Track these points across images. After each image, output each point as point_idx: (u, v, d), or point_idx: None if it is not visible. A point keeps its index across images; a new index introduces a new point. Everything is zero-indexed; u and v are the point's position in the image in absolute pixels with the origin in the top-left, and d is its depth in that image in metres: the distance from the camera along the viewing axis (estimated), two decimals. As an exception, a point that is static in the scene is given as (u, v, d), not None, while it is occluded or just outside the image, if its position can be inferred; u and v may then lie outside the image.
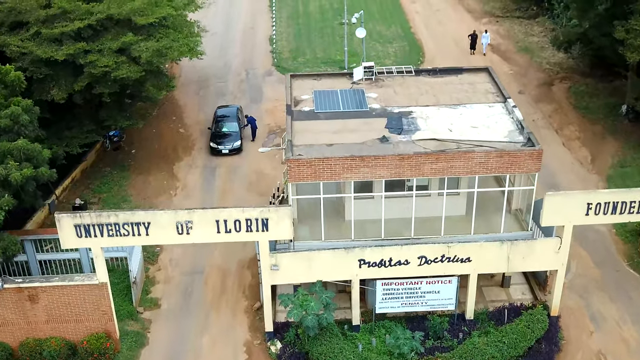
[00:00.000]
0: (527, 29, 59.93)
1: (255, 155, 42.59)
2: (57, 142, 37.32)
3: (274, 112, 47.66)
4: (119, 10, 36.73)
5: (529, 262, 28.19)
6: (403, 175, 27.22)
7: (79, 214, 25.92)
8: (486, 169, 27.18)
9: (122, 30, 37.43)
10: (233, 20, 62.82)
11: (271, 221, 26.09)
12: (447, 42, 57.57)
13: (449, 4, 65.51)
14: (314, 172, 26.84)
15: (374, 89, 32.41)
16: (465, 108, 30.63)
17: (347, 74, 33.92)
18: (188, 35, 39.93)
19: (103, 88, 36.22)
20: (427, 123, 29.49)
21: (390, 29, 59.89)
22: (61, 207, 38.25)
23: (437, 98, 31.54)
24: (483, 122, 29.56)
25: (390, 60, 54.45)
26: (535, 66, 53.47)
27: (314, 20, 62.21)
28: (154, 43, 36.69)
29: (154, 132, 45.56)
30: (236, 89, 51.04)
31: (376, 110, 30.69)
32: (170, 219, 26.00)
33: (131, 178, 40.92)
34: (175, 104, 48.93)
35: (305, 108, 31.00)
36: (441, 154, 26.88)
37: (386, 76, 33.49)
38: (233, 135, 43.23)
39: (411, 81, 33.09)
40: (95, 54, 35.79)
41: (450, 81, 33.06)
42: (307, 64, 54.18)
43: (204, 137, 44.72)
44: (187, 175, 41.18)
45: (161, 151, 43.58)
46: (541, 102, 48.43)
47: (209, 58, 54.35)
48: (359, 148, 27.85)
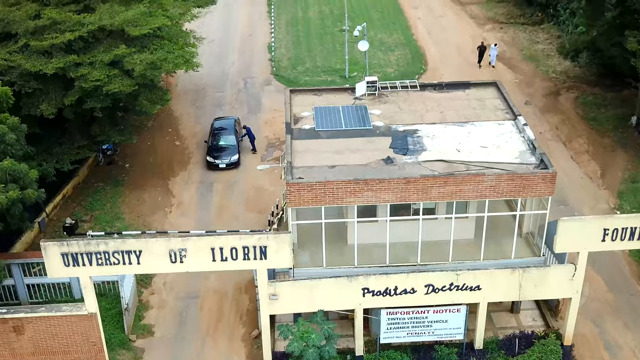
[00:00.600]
0: (532, 36, 58.53)
1: (253, 169, 41.10)
2: (47, 158, 35.93)
3: (273, 124, 46.22)
4: (111, 21, 35.25)
5: (542, 290, 26.76)
6: (409, 200, 25.78)
7: (66, 242, 24.44)
8: (497, 192, 25.73)
9: (115, 41, 35.97)
10: (231, 26, 61.39)
11: (270, 249, 24.63)
12: (450, 50, 56.16)
13: (452, 10, 64.11)
14: (315, 197, 25.39)
15: (377, 105, 30.96)
16: (473, 126, 29.18)
17: (349, 89, 32.47)
18: (183, 46, 38.41)
19: (94, 102, 34.74)
20: (434, 142, 28.04)
21: (392, 36, 58.45)
22: (52, 225, 36.82)
23: (443, 115, 30.10)
24: (493, 141, 28.11)
25: (392, 68, 53.05)
26: (541, 75, 52.06)
27: (313, 26, 60.77)
28: (148, 55, 35.21)
29: (149, 145, 44.10)
30: (234, 99, 49.59)
31: (380, 128, 29.24)
32: (162, 247, 24.53)
33: (125, 194, 39.45)
34: (171, 115, 47.47)
35: (306, 126, 29.54)
36: (449, 177, 25.44)
37: (390, 91, 32.01)
38: (230, 149, 41.76)
39: (416, 97, 31.65)
40: (87, 67, 34.32)
41: (457, 96, 31.62)
42: (306, 72, 52.74)
43: (201, 150, 43.26)
44: (183, 192, 39.70)
45: (156, 165, 42.11)
46: (548, 113, 47.01)
47: (206, 66, 53.02)
48: (363, 170, 26.40)
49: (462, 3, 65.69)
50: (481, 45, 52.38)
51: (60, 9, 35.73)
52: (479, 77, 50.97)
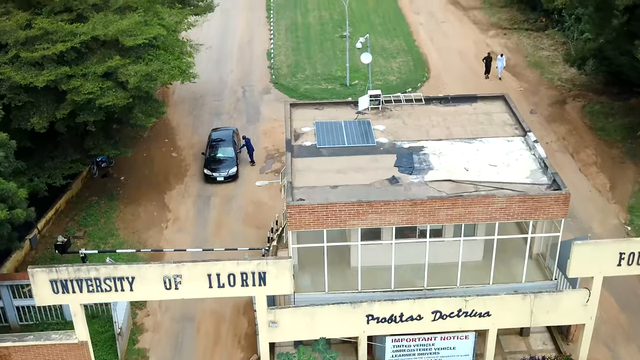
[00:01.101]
0: (536, 42, 57.33)
1: (252, 182, 39.81)
2: (38, 173, 34.72)
3: (272, 134, 45.01)
4: (105, 31, 33.99)
5: (554, 317, 25.58)
6: (415, 222, 24.59)
7: (55, 268, 23.24)
8: (507, 215, 24.55)
9: (109, 51, 34.77)
10: (229, 32, 60.15)
11: (269, 275, 23.44)
12: (452, 57, 54.96)
13: (455, 16, 62.90)
14: (316, 219, 24.19)
15: (381, 120, 29.77)
16: (481, 143, 27.99)
17: (351, 103, 31.27)
18: (180, 56, 37.20)
19: (87, 116, 33.53)
20: (441, 161, 26.84)
21: (393, 43, 57.25)
22: (44, 242, 35.59)
23: (450, 131, 28.90)
24: (502, 159, 26.92)
25: (394, 76, 51.87)
26: (546, 83, 50.87)
27: (313, 32, 59.55)
28: (143, 66, 33.98)
29: (145, 157, 42.88)
30: (232, 108, 48.37)
31: (384, 145, 28.04)
32: (156, 273, 23.34)
33: (119, 209, 38.23)
34: (167, 125, 46.25)
35: (307, 142, 28.33)
36: (458, 199, 24.24)
37: (394, 105, 30.80)
38: (228, 161, 40.54)
39: (421, 111, 30.46)
40: (79, 78, 33.09)
41: (464, 111, 30.43)
42: (306, 80, 51.54)
43: (198, 162, 42.03)
44: (179, 206, 38.47)
45: (152, 178, 40.88)
46: (554, 123, 45.82)
47: (204, 74, 51.77)
48: (366, 191, 25.20)
49: (465, 8, 64.51)
50: (487, 56, 50.85)
51: (52, 18, 34.45)
52: (482, 86, 49.84)
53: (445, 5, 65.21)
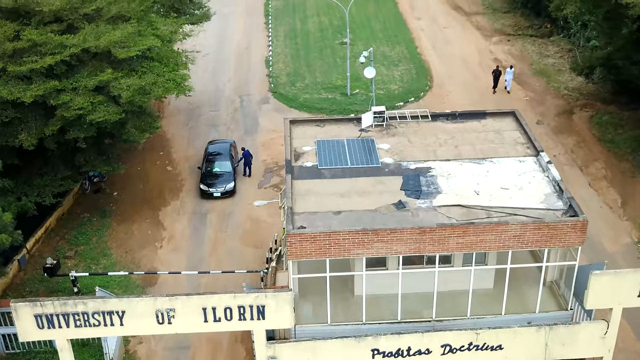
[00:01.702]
0: (541, 49, 55.92)
1: (250, 197, 38.49)
2: (27, 191, 33.30)
3: (271, 146, 43.57)
4: (96, 43, 32.51)
5: (570, 350, 24.11)
6: (424, 251, 23.15)
7: (39, 302, 21.75)
8: (521, 243, 23.12)
9: (101, 64, 33.34)
10: (227, 39, 58.68)
11: (268, 308, 21.98)
12: (456, 64, 53.54)
13: (457, 21, 61.48)
14: (318, 249, 22.74)
15: (385, 139, 28.32)
16: (492, 163, 26.55)
17: (354, 120, 29.80)
18: (175, 68, 35.74)
19: (78, 132, 32.08)
20: (449, 183, 25.39)
21: (395, 50, 55.81)
22: (33, 262, 34.14)
23: (458, 150, 27.46)
24: (514, 181, 25.47)
25: (396, 85, 50.44)
26: (553, 92, 49.48)
27: (312, 39, 58.09)
28: (136, 80, 32.53)
29: (139, 171, 41.41)
30: (229, 118, 46.92)
31: (389, 166, 26.59)
32: (148, 307, 21.88)
33: (112, 226, 36.75)
34: (162, 137, 44.76)
35: (308, 163, 26.87)
36: (469, 227, 22.80)
37: (399, 122, 29.36)
38: (225, 176, 39.07)
39: (428, 128, 29.02)
40: (69, 93, 31.65)
41: (473, 128, 29.00)
42: (306, 89, 50.08)
43: (194, 177, 40.57)
44: (174, 223, 37.00)
45: (146, 193, 39.42)
46: (562, 134, 44.43)
47: (201, 83, 50.49)
48: (371, 217, 23.75)
49: (467, 13, 63.12)
50: (496, 69, 48.70)
51: (42, 29, 32.91)
52: (487, 95, 48.46)
53: (447, 11, 63.83)
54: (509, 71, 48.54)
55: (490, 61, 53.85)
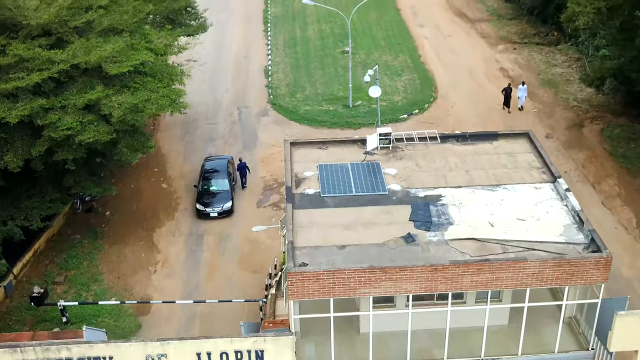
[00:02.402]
0: (548, 58, 54.24)
1: (248, 218, 36.87)
2: (14, 214, 31.67)
3: (270, 162, 41.93)
4: (86, 59, 30.84)
5: (592, 394, 22.48)
6: (436, 290, 21.50)
7: (20, 347, 20.12)
8: (540, 281, 21.47)
9: (91, 80, 31.69)
10: (225, 47, 57.00)
11: (267, 354, 20.41)
12: (461, 74, 51.88)
13: (461, 29, 59.80)
14: (321, 288, 21.07)
15: (392, 162, 26.65)
16: (506, 191, 24.88)
17: (358, 141, 28.12)
18: (169, 83, 34.06)
19: (66, 153, 30.41)
20: (462, 213, 23.72)
21: (398, 59, 54.13)
22: (20, 288, 32.54)
23: (470, 175, 25.79)
24: (531, 211, 23.81)
25: (400, 96, 48.77)
26: (562, 103, 47.82)
27: (313, 47, 56.40)
28: (128, 97, 30.85)
29: (133, 188, 39.76)
30: (227, 132, 45.25)
31: (397, 193, 24.92)
32: (138, 352, 20.27)
33: (104, 249, 35.09)
34: (157, 152, 43.04)
35: (309, 190, 25.19)
36: (485, 264, 21.14)
37: (406, 144, 27.69)
38: (222, 195, 37.40)
39: (436, 150, 27.36)
40: (58, 111, 29.97)
41: (484, 150, 27.34)
42: (306, 101, 48.41)
43: (190, 195, 38.89)
44: (169, 246, 35.33)
45: (140, 213, 37.74)
46: (572, 149, 42.78)
47: (198, 94, 48.89)
48: (379, 252, 22.08)
49: (472, 20, 61.45)
50: (507, 87, 46.16)
51: (29, 43, 31.24)
52: (492, 106, 46.78)
53: (451, 18, 62.15)
54: (522, 88, 45.96)
55: (496, 70, 52.25)
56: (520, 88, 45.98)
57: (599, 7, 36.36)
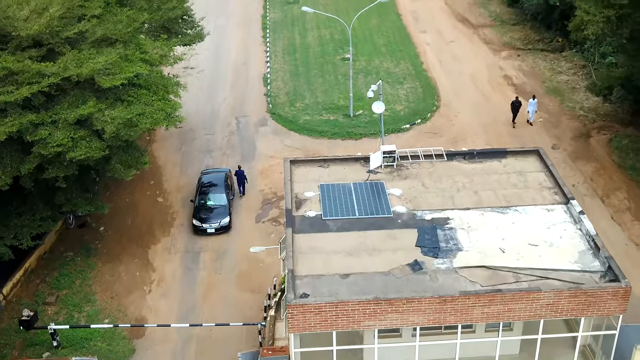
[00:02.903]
0: (553, 65, 53.05)
1: (246, 234, 35.72)
2: (3, 233, 30.44)
3: (269, 174, 40.75)
4: (78, 71, 29.62)
5: None
6: (444, 322, 20.35)
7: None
8: (555, 312, 20.34)
9: (83, 93, 30.53)
10: (223, 53, 55.78)
11: (267, 391, 19.15)
12: (464, 82, 50.71)
13: (464, 34, 58.60)
14: (324, 320, 19.93)
15: (396, 182, 25.49)
16: (517, 213, 23.73)
17: (361, 159, 26.94)
18: (164, 95, 32.87)
19: (57, 171, 29.22)
20: (471, 238, 22.56)
21: (399, 66, 52.94)
22: (10, 308, 31.35)
23: (479, 196, 24.64)
24: (543, 236, 22.66)
25: (402, 105, 47.59)
26: (568, 112, 46.63)
27: (312, 54, 55.19)
28: (121, 111, 29.65)
29: (128, 202, 38.55)
30: (225, 142, 44.06)
31: (402, 216, 23.75)
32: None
33: (97, 267, 33.90)
34: (153, 163, 41.86)
35: (310, 212, 24.03)
36: (496, 295, 19.99)
37: (411, 162, 26.51)
38: (220, 210, 36.20)
39: (443, 169, 26.20)
40: (48, 127, 28.79)
41: (493, 168, 26.18)
42: (306, 110, 47.22)
43: (186, 210, 37.70)
44: (165, 264, 34.13)
45: (135, 229, 36.54)
46: (579, 160, 41.61)
47: (195, 102, 47.80)
48: (384, 281, 20.94)
49: (474, 26, 60.25)
50: (515, 100, 44.25)
51: (19, 55, 30.05)
52: (497, 116, 45.62)
53: (453, 23, 60.94)
54: (532, 102, 43.93)
55: (500, 78, 51.09)
56: (531, 102, 44.05)
57: (609, 16, 35.21)
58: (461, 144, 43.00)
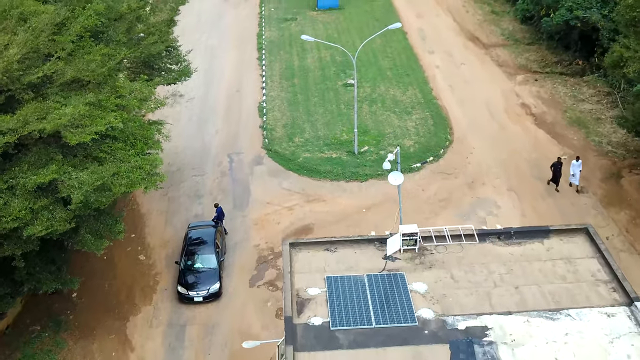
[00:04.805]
0: (574, 91, 48.63)
1: (239, 302, 31.33)
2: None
3: (265, 224, 36.33)
4: (40, 127, 25.21)
5: None
6: None
7: None
8: None
9: (47, 149, 26.12)
10: (215, 78, 51.29)
11: None
12: (478, 111, 46.26)
13: (475, 56, 54.14)
14: None
15: (419, 272, 21.04)
16: (570, 319, 19.29)
17: (374, 240, 22.46)
18: (143, 148, 28.38)
19: (14, 247, 24.72)
20: (516, 357, 18.08)
21: (406, 93, 48.48)
22: (-37, 401, 26.80)
23: (521, 294, 20.20)
24: (605, 354, 18.18)
25: (411, 140, 43.12)
26: (594, 148, 42.22)
27: (312, 79, 50.69)
28: (91, 175, 25.13)
29: (105, 261, 34.07)
30: (215, 185, 39.57)
31: (429, 324, 19.30)
32: None
33: (67, 345, 29.48)
34: (136, 211, 37.43)
35: (315, 319, 19.55)
36: None
37: (435, 244, 22.05)
38: (209, 274, 31.73)
39: (475, 254, 21.76)
40: (3, 194, 24.32)
41: (535, 253, 21.75)
42: (306, 146, 42.74)
43: (171, 270, 33.24)
44: (145, 341, 29.66)
45: (112, 295, 32.08)
46: (612, 206, 37.19)
47: (184, 136, 43.65)
48: None
49: (486, 46, 55.82)
50: (557, 161, 37.84)
51: (-27, 104, 25.71)
52: (517, 152, 41.15)
53: (463, 42, 56.47)
54: (576, 164, 37.63)
55: (517, 107, 46.68)
56: (574, 164, 37.70)
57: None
58: (479, 187, 38.66)
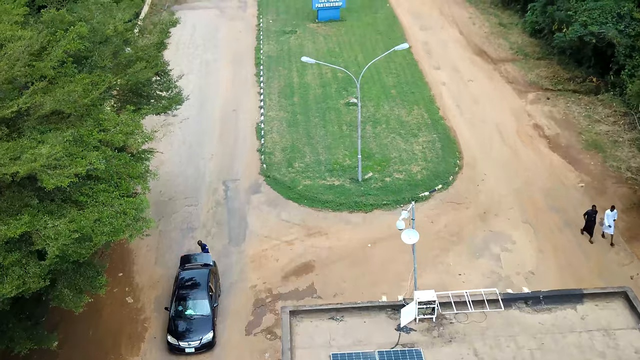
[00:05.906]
0: (589, 111, 46.09)
1: (234, 354, 28.73)
2: None
3: (263, 262, 33.76)
4: (12, 170, 22.62)
5: None
6: None
7: None
8: None
9: (21, 192, 23.60)
10: (210, 96, 48.73)
11: None
12: (488, 133, 43.70)
13: (483, 72, 51.56)
14: None
15: (438, 347, 18.48)
16: (614, 410, 16.71)
17: (386, 307, 19.87)
18: (128, 188, 25.79)
19: (-19, 308, 22.15)
20: None
21: (412, 113, 45.90)
22: None
23: (555, 376, 17.62)
24: None
25: (419, 165, 40.52)
26: (613, 174, 39.65)
27: (313, 97, 48.09)
28: (70, 222, 22.58)
29: (90, 304, 31.01)
30: (210, 217, 36.96)
31: (451, 415, 16.72)
32: None
33: (46, 405, 26.84)
34: (122, 247, 34.83)
35: (321, 408, 16.98)
36: None
37: (455, 312, 19.47)
38: (201, 322, 29.10)
39: (499, 323, 19.20)
40: (-30, 248, 21.75)
41: (568, 323, 19.19)
42: (306, 172, 40.15)
43: (161, 316, 30.64)
44: (132, 401, 27.10)
45: (96, 344, 29.46)
46: (635, 241, 34.61)
47: (176, 161, 41.21)
48: None
49: (494, 61, 53.28)
50: (591, 210, 34.39)
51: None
52: (532, 178, 38.54)
53: (470, 57, 53.90)
54: (610, 214, 34.05)
55: (529, 128, 44.11)
56: (608, 214, 34.04)
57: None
58: (492, 219, 36.09)
